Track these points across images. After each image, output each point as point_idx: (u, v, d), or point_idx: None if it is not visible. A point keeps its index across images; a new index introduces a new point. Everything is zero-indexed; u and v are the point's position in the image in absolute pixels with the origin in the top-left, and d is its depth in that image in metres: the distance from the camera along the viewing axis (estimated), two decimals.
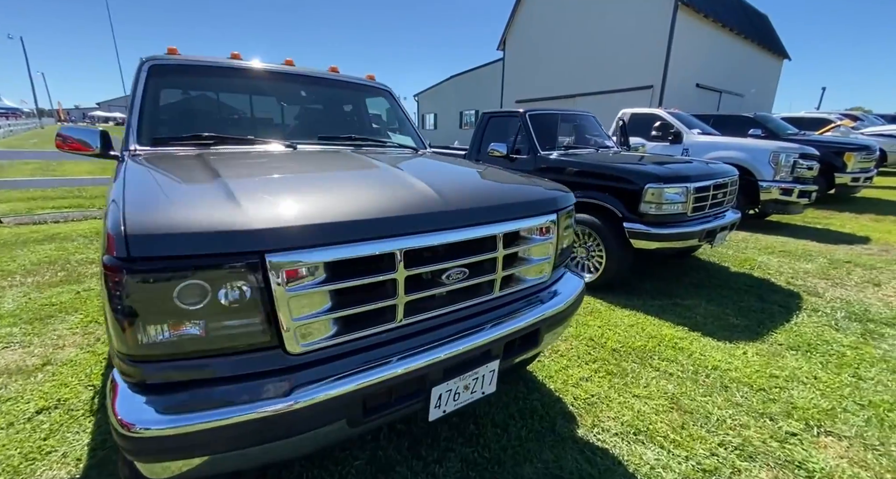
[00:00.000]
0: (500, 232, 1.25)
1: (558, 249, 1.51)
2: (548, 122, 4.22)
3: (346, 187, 1.23)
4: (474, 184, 1.48)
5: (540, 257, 1.44)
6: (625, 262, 3.29)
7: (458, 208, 1.16)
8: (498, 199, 1.32)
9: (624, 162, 3.46)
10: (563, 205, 1.54)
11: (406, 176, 1.32)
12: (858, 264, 4.14)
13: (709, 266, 4.14)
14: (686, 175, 3.18)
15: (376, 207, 1.05)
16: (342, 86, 2.33)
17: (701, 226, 3.22)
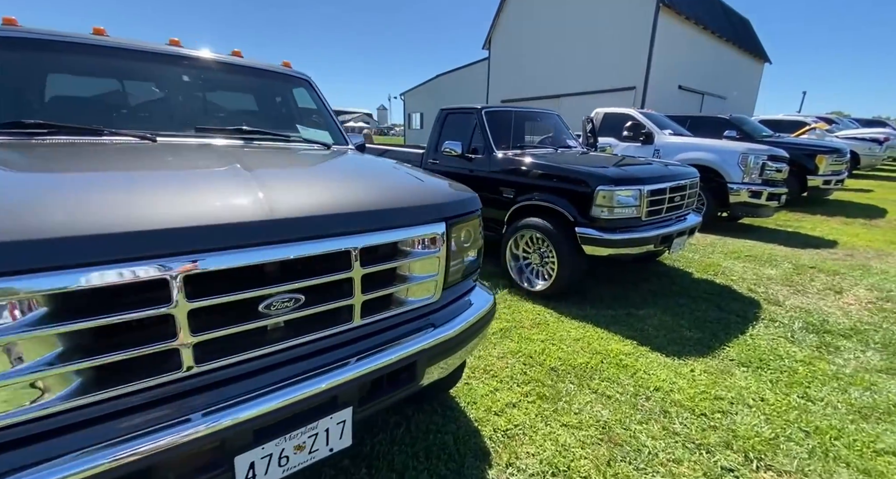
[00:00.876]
0: (356, 246, 1.02)
1: (450, 264, 1.29)
2: (506, 120, 4.01)
3: (137, 191, 0.94)
4: (340, 187, 1.24)
5: (422, 274, 1.21)
6: (577, 269, 3.09)
7: (286, 217, 0.92)
8: (360, 204, 1.09)
9: (577, 163, 3.27)
10: (458, 211, 1.31)
11: (243, 178, 1.07)
12: (822, 270, 4.02)
13: (672, 272, 3.98)
14: (639, 177, 3.00)
15: (150, 218, 0.80)
16: (239, 72, 2.07)
17: (656, 231, 3.05)
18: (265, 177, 1.12)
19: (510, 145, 3.85)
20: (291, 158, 1.63)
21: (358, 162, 1.74)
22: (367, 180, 1.39)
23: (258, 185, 1.02)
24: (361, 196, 1.15)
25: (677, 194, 3.25)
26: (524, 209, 3.41)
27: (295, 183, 1.18)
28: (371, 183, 1.35)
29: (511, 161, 3.56)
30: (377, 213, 1.09)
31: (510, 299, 3.24)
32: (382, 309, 1.15)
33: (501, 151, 3.72)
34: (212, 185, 1.06)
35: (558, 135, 4.43)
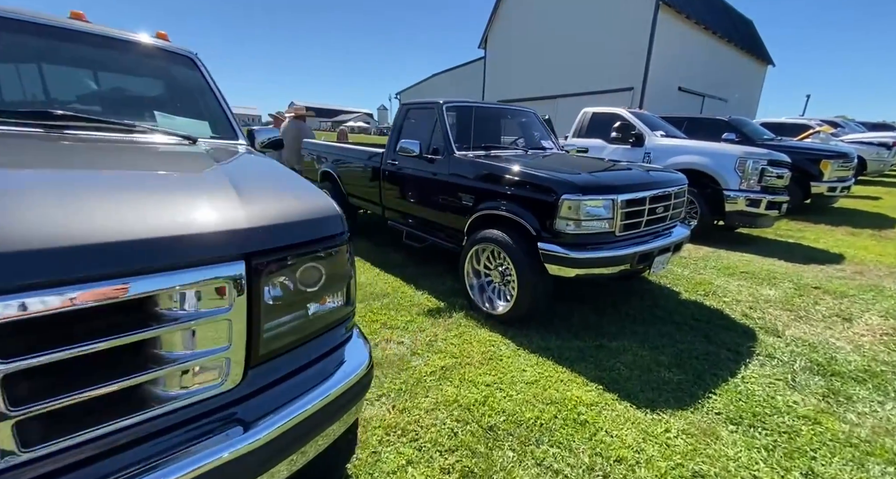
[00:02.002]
0: (34, 308, 0.56)
1: (262, 326, 0.82)
2: (471, 117, 3.55)
3: None
4: (91, 205, 0.76)
5: (194, 350, 0.75)
6: (540, 292, 2.62)
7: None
8: (77, 237, 0.63)
9: (542, 167, 2.80)
10: (281, 241, 0.85)
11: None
12: (828, 291, 3.54)
13: (656, 291, 3.51)
14: (613, 184, 2.53)
15: None
16: (79, 40, 1.59)
17: (634, 248, 2.57)
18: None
19: (474, 145, 3.38)
20: (92, 157, 1.16)
21: (204, 164, 1.28)
22: (163, 194, 0.92)
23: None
24: (107, 223, 0.68)
25: (660, 205, 2.78)
26: (484, 219, 2.95)
27: (22, 197, 0.73)
28: (161, 197, 0.88)
29: (471, 164, 3.10)
30: (100, 250, 0.63)
31: (464, 324, 2.77)
32: (113, 414, 0.68)
33: (462, 151, 3.26)
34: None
35: (533, 135, 3.96)
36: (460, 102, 3.56)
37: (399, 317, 2.80)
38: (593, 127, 6.37)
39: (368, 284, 3.40)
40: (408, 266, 3.86)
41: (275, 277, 0.83)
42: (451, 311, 2.94)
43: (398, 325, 2.69)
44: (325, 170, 4.90)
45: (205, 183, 1.04)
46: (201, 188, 0.97)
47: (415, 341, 2.51)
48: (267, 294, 0.81)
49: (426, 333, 2.61)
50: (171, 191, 0.95)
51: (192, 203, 0.85)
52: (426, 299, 3.14)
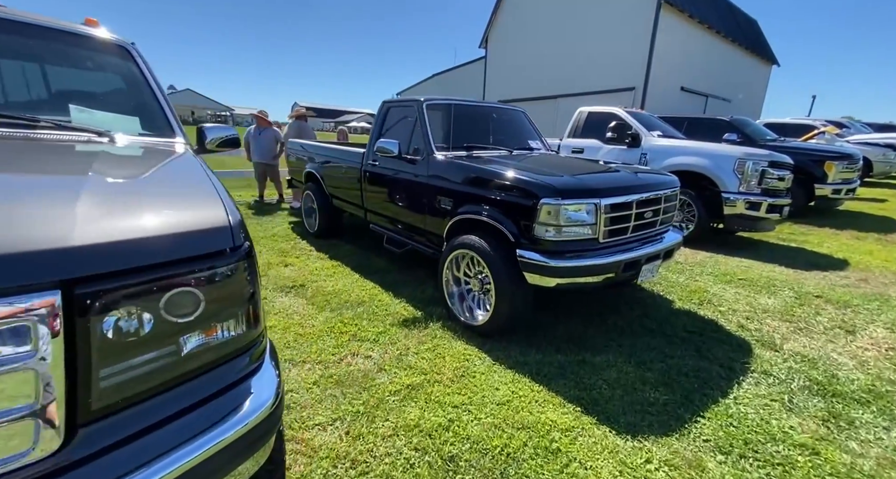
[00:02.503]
0: None
1: (101, 373, 0.65)
2: (454, 116, 3.38)
3: None
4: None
5: None
6: (520, 302, 2.45)
7: None
8: None
9: (522, 168, 2.63)
10: (116, 265, 0.67)
11: None
12: (830, 300, 3.35)
13: (648, 299, 3.33)
14: (596, 188, 2.35)
15: None
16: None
17: (619, 256, 2.40)
18: None
19: (455, 146, 3.22)
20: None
21: (86, 166, 1.10)
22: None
23: None
24: None
25: (649, 209, 2.60)
26: (463, 224, 2.78)
27: None
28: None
29: (450, 165, 2.93)
30: None
31: (440, 336, 2.60)
32: None
33: (442, 152, 3.09)
34: None
35: (520, 135, 3.79)
36: (442, 99, 3.39)
37: (371, 328, 2.64)
38: (589, 127, 6.19)
39: (344, 291, 3.24)
40: (389, 272, 3.70)
41: (119, 308, 0.66)
42: (427, 321, 2.78)
43: (368, 336, 2.52)
44: (309, 171, 4.75)
45: (54, 189, 0.87)
46: (39, 195, 0.81)
47: (384, 354, 2.35)
48: (105, 331, 0.65)
49: (397, 346, 2.45)
50: (55, 199, 0.79)
51: (8, 214, 0.69)
52: (403, 308, 2.97)
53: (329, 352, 2.31)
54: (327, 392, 1.95)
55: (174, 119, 1.66)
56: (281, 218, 5.81)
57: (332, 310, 2.87)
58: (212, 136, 1.93)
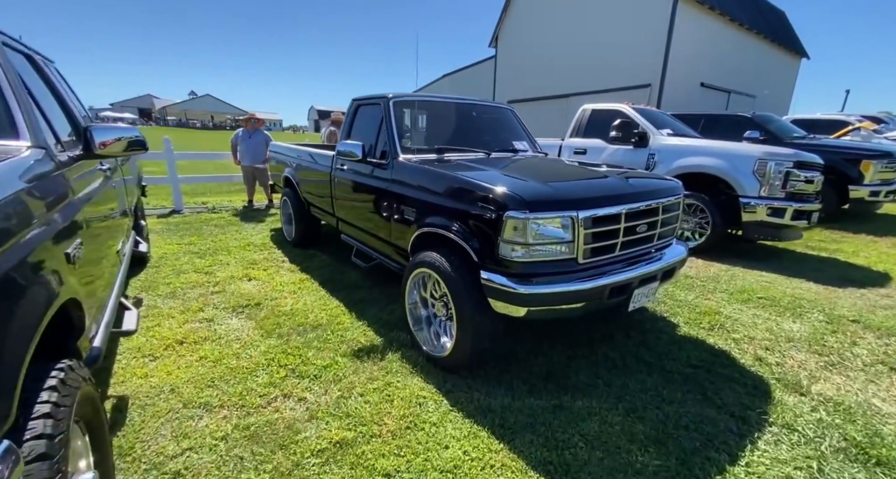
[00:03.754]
0: None
1: None
2: (423, 114, 3.02)
3: None
4: None
5: None
6: (484, 335, 2.07)
7: None
8: None
9: (494, 174, 2.25)
10: None
11: None
12: (870, 326, 2.83)
13: (648, 324, 2.88)
14: (573, 198, 1.95)
15: None
16: None
17: (603, 279, 1.99)
18: None
19: (425, 147, 2.85)
20: None
21: None
22: None
23: None
24: None
25: (642, 221, 2.18)
26: (427, 237, 2.42)
27: None
28: None
29: (413, 169, 2.57)
30: None
31: (395, 371, 2.24)
32: None
33: (408, 154, 2.74)
34: None
35: (504, 135, 3.40)
36: (412, 96, 3.03)
37: (317, 360, 2.30)
38: (593, 126, 5.72)
39: (303, 311, 2.91)
40: (359, 289, 3.36)
41: None
42: (386, 350, 2.42)
43: (310, 372, 2.18)
44: (286, 175, 4.47)
45: None
46: None
47: (322, 396, 2.00)
48: None
49: (342, 384, 2.10)
50: None
51: None
52: (362, 334, 2.63)
53: (256, 393, 1.98)
54: (233, 452, 1.60)
55: (22, 116, 1.36)
56: (266, 225, 5.56)
57: (281, 336, 2.54)
58: (102, 138, 1.63)
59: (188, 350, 2.30)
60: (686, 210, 4.62)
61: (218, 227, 5.24)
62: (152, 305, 2.89)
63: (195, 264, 3.73)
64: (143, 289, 3.16)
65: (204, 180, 7.91)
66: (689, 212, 4.59)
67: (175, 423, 1.73)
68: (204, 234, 4.82)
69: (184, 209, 6.21)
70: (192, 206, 6.55)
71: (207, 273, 3.53)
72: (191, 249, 4.22)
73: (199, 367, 2.14)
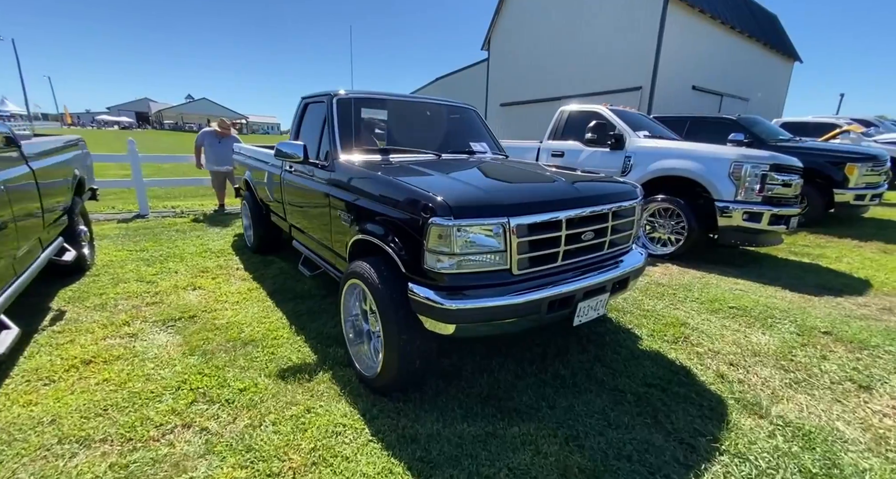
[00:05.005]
0: None
1: None
2: (373, 112, 2.85)
3: None
4: None
5: None
6: (412, 354, 1.88)
7: None
8: None
9: (427, 177, 2.08)
10: None
11: None
12: (842, 338, 2.66)
13: (609, 336, 2.71)
14: (505, 203, 1.78)
15: None
16: None
17: (539, 292, 1.81)
18: None
19: (368, 147, 2.68)
20: None
21: None
22: None
23: None
24: None
25: (589, 228, 2.00)
26: (361, 245, 2.24)
27: None
28: None
29: (351, 171, 2.40)
30: None
31: (321, 393, 2.05)
32: None
33: (348, 155, 2.56)
34: None
35: (462, 136, 3.23)
36: (358, 93, 2.86)
37: (236, 381, 2.11)
38: (570, 128, 5.57)
39: (241, 324, 2.72)
40: (309, 298, 3.17)
41: None
42: (317, 370, 2.23)
43: (223, 396, 1.99)
44: (245, 178, 4.30)
45: None
46: None
47: (227, 426, 1.80)
48: None
49: (256, 411, 1.90)
50: None
51: None
52: (296, 350, 2.44)
53: (152, 423, 1.77)
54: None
55: None
56: (231, 230, 5.36)
57: (205, 354, 2.34)
58: None
59: (93, 372, 2.10)
60: (662, 215, 4.46)
61: (180, 232, 5.05)
62: (73, 318, 2.69)
63: (139, 273, 3.54)
64: (71, 300, 2.96)
65: (172, 184, 7.63)
66: (665, 216, 4.44)
67: (40, 463, 1.52)
68: (162, 239, 4.63)
69: (149, 214, 6.01)
70: (160, 210, 6.35)
71: (149, 282, 3.33)
72: (142, 255, 4.02)
73: (98, 392, 1.95)
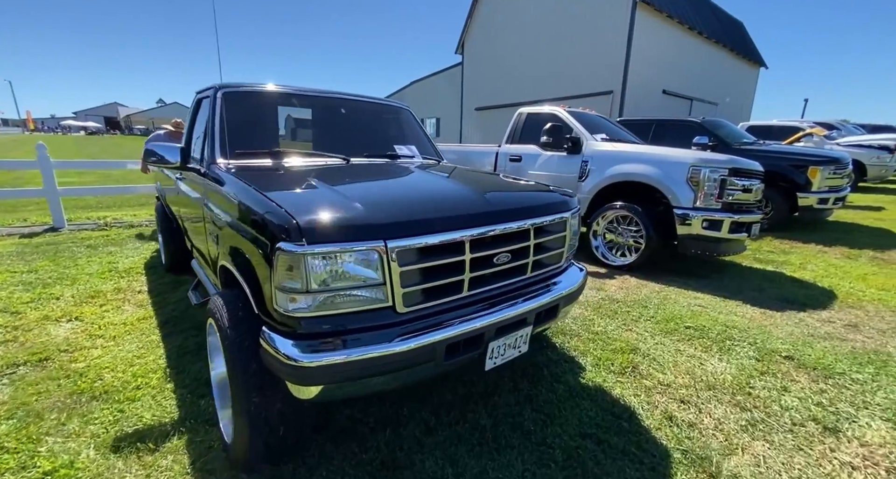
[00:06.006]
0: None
1: None
2: (260, 108, 2.43)
3: None
4: None
5: None
6: (274, 422, 1.45)
7: None
8: None
9: (305, 191, 1.67)
10: None
11: None
12: (805, 364, 2.37)
13: (548, 368, 2.34)
14: (381, 222, 1.38)
15: None
16: None
17: (434, 334, 1.42)
18: None
19: (260, 151, 2.25)
20: None
21: None
22: None
23: None
24: None
25: (504, 249, 1.63)
26: (225, 273, 1.82)
27: None
28: None
29: (222, 179, 1.96)
30: None
31: (163, 471, 1.60)
32: None
33: (231, 158, 2.13)
34: None
35: (388, 138, 2.84)
36: (254, 87, 2.43)
37: (47, 459, 1.62)
38: (528, 131, 5.25)
39: (104, 367, 2.23)
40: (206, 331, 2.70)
41: None
42: (170, 435, 1.75)
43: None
44: (156, 185, 3.80)
45: None
46: None
47: None
48: None
49: None
50: None
51: None
52: (157, 405, 1.95)
53: None
54: None
55: None
56: (154, 245, 4.82)
57: (28, 415, 1.83)
58: None
59: None
60: (621, 222, 4.17)
61: (91, 248, 4.48)
62: None
63: (9, 301, 2.99)
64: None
65: (92, 193, 6.79)
66: (624, 224, 4.15)
67: None
68: (62, 258, 4.06)
69: (65, 227, 5.38)
70: (80, 222, 5.70)
71: (14, 313, 2.80)
72: (25, 278, 3.46)
73: None
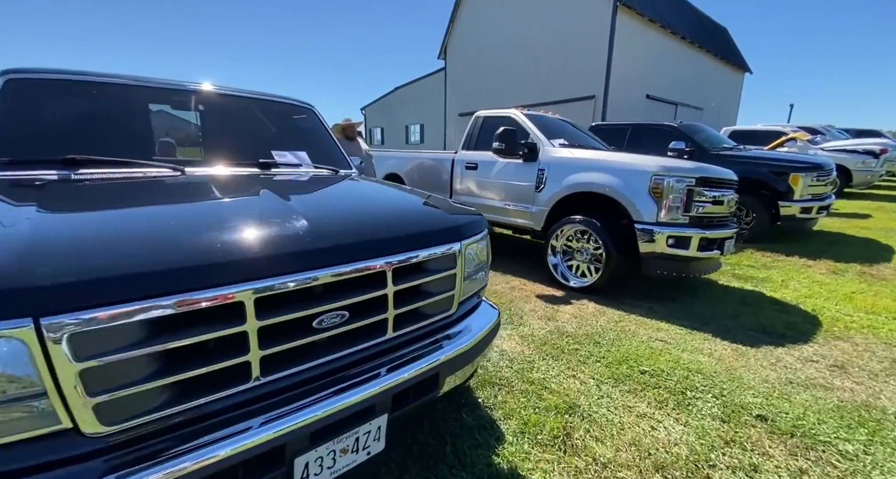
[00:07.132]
0: None
1: None
2: (69, 100, 1.91)
3: None
4: None
5: None
6: None
7: None
8: None
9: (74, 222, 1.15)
10: None
11: None
12: (780, 428, 1.87)
13: (455, 438, 1.82)
14: (45, 282, 0.85)
15: None
16: None
17: (156, 470, 0.90)
18: None
19: (49, 159, 1.73)
20: None
21: None
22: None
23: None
24: None
25: (333, 306, 1.12)
26: None
27: None
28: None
29: None
30: None
31: None
32: None
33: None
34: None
35: (265, 142, 2.33)
36: (56, 74, 1.87)
37: None
38: (486, 136, 4.78)
39: None
40: None
41: None
42: None
43: None
44: None
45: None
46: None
47: None
48: None
49: None
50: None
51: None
52: None
53: None
54: None
55: None
56: None
57: None
58: None
59: None
60: (580, 238, 3.70)
61: None
62: None
63: None
64: None
65: None
66: (584, 240, 3.67)
67: None
68: None
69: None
70: None
71: None
72: None
73: None
